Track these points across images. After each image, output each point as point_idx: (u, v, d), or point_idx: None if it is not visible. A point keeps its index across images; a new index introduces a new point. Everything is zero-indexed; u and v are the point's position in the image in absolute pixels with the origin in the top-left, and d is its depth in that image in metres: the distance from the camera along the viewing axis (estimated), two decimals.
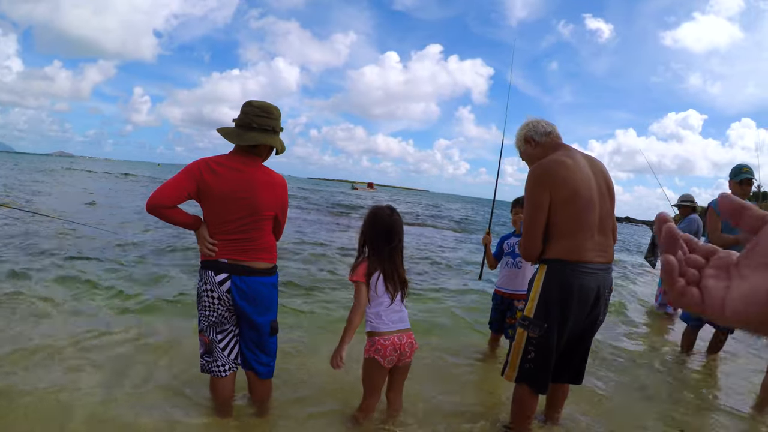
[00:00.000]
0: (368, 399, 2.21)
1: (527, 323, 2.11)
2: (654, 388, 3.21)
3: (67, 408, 2.23)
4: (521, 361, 2.13)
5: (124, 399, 2.37)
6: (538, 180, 2.07)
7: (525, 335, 2.11)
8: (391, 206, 2.23)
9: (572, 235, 2.03)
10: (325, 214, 17.25)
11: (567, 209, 2.02)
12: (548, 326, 2.05)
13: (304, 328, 3.78)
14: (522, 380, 2.14)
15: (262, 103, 2.12)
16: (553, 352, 2.08)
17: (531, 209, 2.08)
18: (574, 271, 2.02)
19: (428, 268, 7.51)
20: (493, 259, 3.43)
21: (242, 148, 2.11)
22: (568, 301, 2.03)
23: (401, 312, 2.18)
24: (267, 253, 2.16)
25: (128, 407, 2.30)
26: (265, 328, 2.16)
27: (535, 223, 2.07)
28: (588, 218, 2.05)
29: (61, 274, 4.66)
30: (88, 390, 2.41)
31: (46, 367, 2.62)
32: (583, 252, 2.03)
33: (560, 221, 2.04)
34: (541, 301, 2.08)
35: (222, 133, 2.12)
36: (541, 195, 2.04)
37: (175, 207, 2.01)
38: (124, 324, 3.44)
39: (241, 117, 2.11)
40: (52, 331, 3.13)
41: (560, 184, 2.02)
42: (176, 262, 5.87)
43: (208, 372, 2.18)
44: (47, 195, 13.86)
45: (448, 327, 4.19)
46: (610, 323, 4.59)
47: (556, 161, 2.08)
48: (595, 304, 2.09)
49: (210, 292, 2.09)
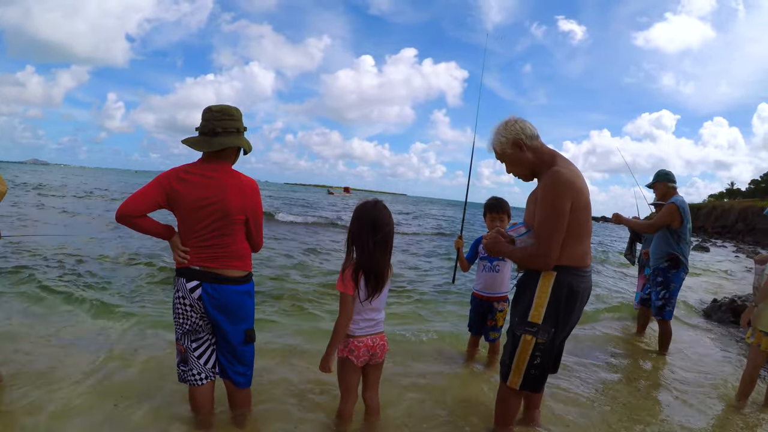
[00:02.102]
0: (345, 400, 2.23)
1: (536, 330, 2.10)
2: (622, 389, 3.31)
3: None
4: (528, 367, 2.13)
5: (101, 417, 2.29)
6: (564, 188, 2.04)
7: (533, 342, 2.10)
8: (377, 199, 2.19)
9: (580, 242, 2.10)
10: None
11: (580, 217, 2.07)
12: (555, 331, 2.10)
13: (289, 334, 3.75)
14: (526, 387, 2.16)
15: (222, 107, 2.12)
16: (552, 354, 2.17)
17: (555, 217, 2.05)
18: (580, 277, 2.11)
19: (404, 270, 7.55)
20: (466, 262, 3.43)
21: (210, 155, 2.11)
22: (576, 305, 2.12)
23: (379, 315, 2.20)
24: (239, 260, 2.14)
25: (103, 424, 2.23)
26: (239, 337, 2.14)
27: (558, 230, 2.05)
28: (589, 225, 2.15)
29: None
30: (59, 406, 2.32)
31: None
32: (585, 257, 2.13)
33: (572, 229, 2.07)
34: (550, 307, 2.09)
35: (189, 143, 2.12)
36: (566, 204, 2.04)
37: (145, 216, 2.02)
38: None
39: (204, 124, 2.11)
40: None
41: (580, 193, 2.07)
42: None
43: (184, 381, 2.17)
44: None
45: (428, 330, 4.20)
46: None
47: (574, 172, 2.12)
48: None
49: (182, 299, 2.08)
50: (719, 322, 5.66)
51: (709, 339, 4.86)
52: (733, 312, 5.69)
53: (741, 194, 56.42)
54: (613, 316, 5.54)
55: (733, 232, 32.99)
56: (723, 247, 20.24)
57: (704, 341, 4.75)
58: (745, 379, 3.08)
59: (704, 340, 4.79)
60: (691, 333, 5.04)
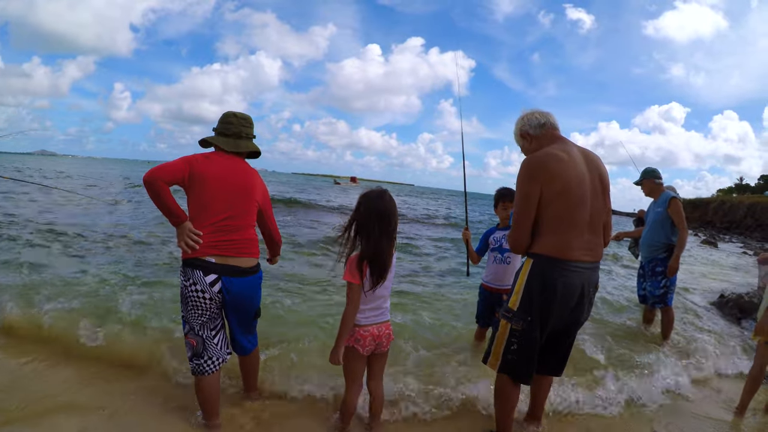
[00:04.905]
0: (350, 389, 2.25)
1: (510, 315, 2.11)
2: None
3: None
4: (504, 352, 2.14)
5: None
6: (530, 172, 2.03)
7: (508, 327, 2.11)
8: (383, 188, 2.19)
9: (561, 232, 2.02)
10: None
11: (557, 205, 2.00)
12: (531, 320, 2.05)
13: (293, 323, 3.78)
14: (504, 370, 2.16)
15: (244, 114, 2.36)
16: (535, 345, 2.09)
17: (521, 201, 2.05)
18: (559, 269, 2.01)
19: (414, 264, 7.57)
20: (476, 254, 3.43)
21: (229, 153, 2.28)
22: (551, 297, 2.03)
23: (384, 304, 2.20)
24: (253, 247, 2.26)
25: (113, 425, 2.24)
26: (252, 315, 2.37)
27: (525, 215, 2.04)
28: (579, 216, 2.03)
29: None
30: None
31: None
32: (570, 250, 2.02)
33: (550, 216, 2.02)
34: (525, 294, 2.07)
35: (217, 142, 2.28)
36: (532, 187, 2.01)
37: (169, 187, 2.08)
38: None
39: (228, 127, 2.30)
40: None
41: (552, 178, 1.99)
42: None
43: (200, 373, 2.19)
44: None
45: (434, 321, 4.23)
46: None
47: (550, 154, 2.05)
48: (580, 301, 2.10)
49: (201, 293, 2.12)
50: (725, 318, 5.64)
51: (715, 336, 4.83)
52: (740, 308, 5.67)
53: (750, 189, 55.74)
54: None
55: (742, 228, 32.65)
56: (731, 242, 20.06)
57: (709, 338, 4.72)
58: (751, 377, 3.04)
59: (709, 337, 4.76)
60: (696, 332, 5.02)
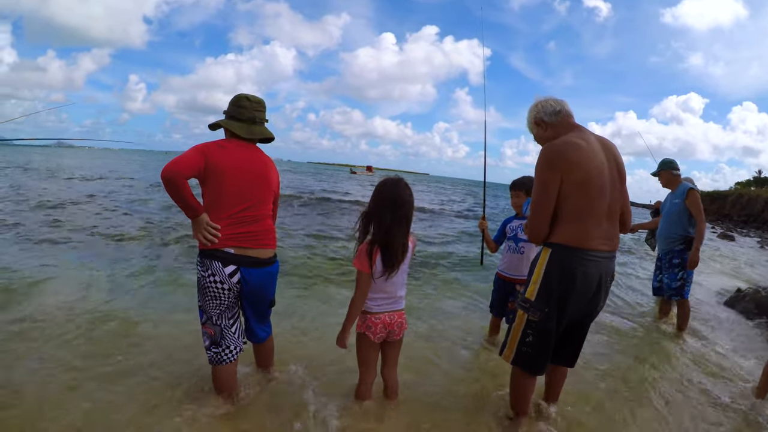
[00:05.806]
0: (363, 376, 2.27)
1: (528, 306, 2.09)
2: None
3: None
4: (519, 344, 2.13)
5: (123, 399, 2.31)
6: (549, 161, 2.00)
7: (525, 318, 2.10)
8: (398, 176, 2.17)
9: (581, 221, 2.00)
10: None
11: (577, 194, 1.98)
12: (549, 311, 2.04)
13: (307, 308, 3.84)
14: (518, 363, 2.16)
15: (257, 97, 2.27)
16: (552, 337, 2.08)
17: (539, 190, 2.03)
18: (579, 258, 2.00)
19: (429, 253, 7.58)
20: (494, 243, 3.44)
21: (240, 137, 2.21)
22: (570, 287, 2.01)
23: (399, 292, 2.19)
24: (271, 237, 2.25)
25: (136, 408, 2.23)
26: (267, 305, 2.38)
27: (544, 205, 2.02)
28: (598, 205, 2.01)
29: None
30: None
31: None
32: (588, 239, 2.00)
33: (569, 206, 2.00)
34: (543, 285, 2.05)
35: (230, 126, 2.20)
36: (551, 177, 1.98)
37: (187, 181, 2.02)
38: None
39: (242, 112, 2.21)
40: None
41: (572, 167, 1.96)
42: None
43: (219, 363, 2.21)
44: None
45: (448, 311, 4.26)
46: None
47: (570, 143, 2.01)
48: (597, 291, 2.08)
49: (220, 283, 2.12)
50: (742, 313, 5.57)
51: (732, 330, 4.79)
52: (757, 303, 5.58)
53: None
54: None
55: (759, 222, 31.97)
56: (748, 236, 19.66)
57: (726, 332, 4.69)
58: (766, 372, 3.01)
59: (726, 331, 4.72)
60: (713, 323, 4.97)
